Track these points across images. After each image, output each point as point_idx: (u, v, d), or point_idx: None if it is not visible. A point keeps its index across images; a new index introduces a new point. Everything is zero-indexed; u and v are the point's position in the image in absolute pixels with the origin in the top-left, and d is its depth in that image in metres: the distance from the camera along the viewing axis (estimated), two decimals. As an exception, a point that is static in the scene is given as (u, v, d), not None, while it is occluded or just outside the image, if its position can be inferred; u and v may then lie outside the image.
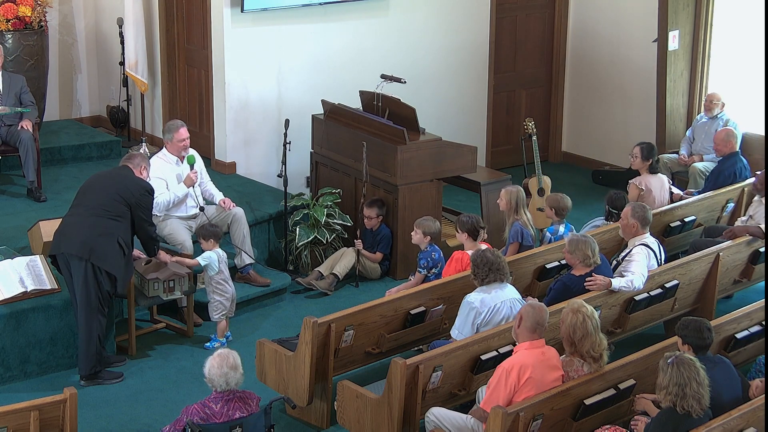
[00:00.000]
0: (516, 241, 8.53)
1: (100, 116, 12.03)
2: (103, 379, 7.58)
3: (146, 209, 7.65)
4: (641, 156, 9.43)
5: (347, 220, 9.46)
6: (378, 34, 11.15)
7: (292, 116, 9.99)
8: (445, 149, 9.47)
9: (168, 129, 8.75)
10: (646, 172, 9.42)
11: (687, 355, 5.74)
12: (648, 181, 9.35)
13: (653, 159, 9.45)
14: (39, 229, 8.33)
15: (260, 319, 8.75)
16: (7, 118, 9.61)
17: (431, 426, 6.36)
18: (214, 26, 10.41)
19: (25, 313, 7.60)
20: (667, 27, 11.10)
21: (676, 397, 5.59)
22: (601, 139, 12.37)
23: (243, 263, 8.86)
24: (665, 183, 9.50)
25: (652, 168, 9.44)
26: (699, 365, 5.65)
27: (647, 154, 9.41)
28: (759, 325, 7.26)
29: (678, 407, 5.60)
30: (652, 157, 9.43)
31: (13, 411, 5.76)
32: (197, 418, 5.84)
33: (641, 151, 9.43)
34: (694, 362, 5.65)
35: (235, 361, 5.95)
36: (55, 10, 11.44)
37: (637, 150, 9.45)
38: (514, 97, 12.50)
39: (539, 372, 6.06)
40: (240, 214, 8.88)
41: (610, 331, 7.53)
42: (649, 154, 9.41)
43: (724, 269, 8.22)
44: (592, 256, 7.40)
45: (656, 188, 9.34)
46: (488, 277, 7.02)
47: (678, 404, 5.59)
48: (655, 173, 9.46)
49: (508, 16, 12.20)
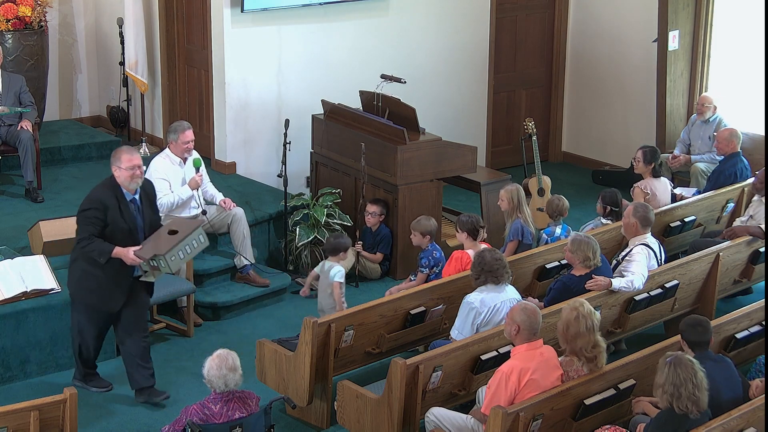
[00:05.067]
0: (516, 239, 8.54)
1: (100, 116, 12.03)
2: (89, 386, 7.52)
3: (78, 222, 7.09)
4: (644, 160, 9.38)
5: (347, 220, 9.46)
6: (378, 34, 11.15)
7: (292, 116, 9.99)
8: (445, 149, 9.47)
9: (173, 130, 8.70)
10: (649, 176, 9.38)
11: (686, 356, 5.73)
12: (653, 184, 9.31)
13: (656, 163, 9.41)
14: (39, 229, 8.34)
15: (260, 319, 8.75)
16: (6, 118, 9.61)
17: (431, 426, 6.36)
18: (214, 26, 10.41)
19: (25, 313, 7.60)
20: (667, 27, 11.10)
21: (672, 396, 5.59)
22: (601, 139, 12.37)
23: (242, 263, 8.87)
24: (668, 186, 9.49)
25: (655, 172, 9.40)
26: (698, 367, 5.64)
27: (650, 158, 9.37)
28: (759, 325, 7.27)
29: (674, 407, 5.60)
30: (655, 161, 9.38)
31: (13, 411, 5.76)
32: (197, 419, 5.84)
33: (644, 155, 9.39)
34: (693, 364, 5.64)
35: (234, 362, 5.94)
36: (55, 10, 11.43)
37: (640, 154, 9.41)
38: (514, 97, 12.49)
39: (540, 373, 6.06)
40: (240, 214, 8.88)
41: (610, 331, 7.54)
42: (652, 158, 9.37)
43: (724, 269, 8.22)
44: (593, 258, 7.40)
45: (661, 191, 9.32)
46: (480, 278, 7.02)
47: (674, 404, 5.60)
48: (659, 177, 9.43)
49: (508, 16, 12.20)
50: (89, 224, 6.89)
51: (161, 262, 6.89)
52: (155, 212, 7.29)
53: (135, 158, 6.95)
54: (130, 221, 6.98)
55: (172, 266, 6.95)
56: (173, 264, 6.95)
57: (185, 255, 7.05)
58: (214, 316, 8.70)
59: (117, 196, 6.94)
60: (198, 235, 7.14)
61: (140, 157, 7.04)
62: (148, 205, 7.17)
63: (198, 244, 7.16)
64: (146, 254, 6.88)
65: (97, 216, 6.89)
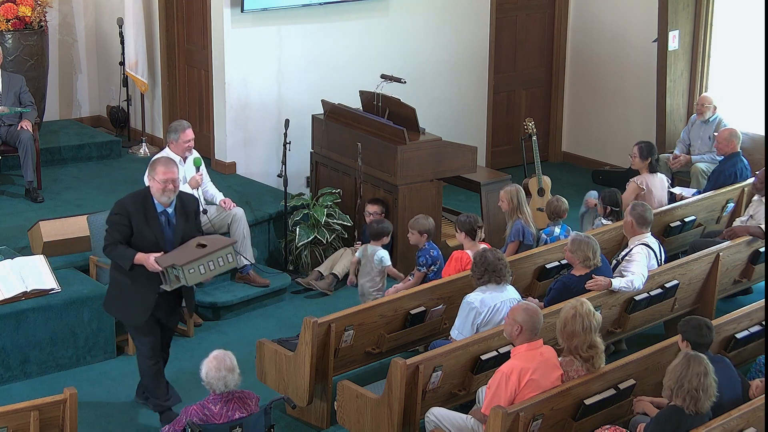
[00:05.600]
0: (517, 240, 8.54)
1: (100, 116, 12.04)
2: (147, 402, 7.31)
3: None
4: (640, 155, 9.40)
5: (347, 220, 9.46)
6: (378, 34, 11.15)
7: (292, 116, 9.99)
8: (445, 149, 9.47)
9: (174, 129, 8.71)
10: (645, 172, 9.41)
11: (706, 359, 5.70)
12: (648, 180, 9.33)
13: (653, 158, 9.42)
14: (39, 229, 8.34)
15: (260, 319, 8.75)
16: (6, 118, 9.62)
17: (431, 426, 6.36)
18: (214, 26, 10.41)
19: (25, 313, 7.59)
20: (667, 27, 11.10)
21: (674, 386, 5.59)
22: (601, 139, 12.37)
23: (242, 263, 8.87)
24: (665, 182, 9.50)
25: (652, 167, 9.41)
26: (711, 372, 5.62)
27: (646, 153, 9.39)
28: (759, 325, 7.27)
29: (673, 398, 5.60)
30: (652, 156, 9.40)
31: (13, 411, 5.76)
32: (196, 419, 5.84)
33: (640, 151, 9.41)
34: (709, 368, 5.61)
35: (231, 362, 5.94)
36: (55, 10, 11.44)
37: (636, 149, 9.43)
38: (514, 97, 12.49)
39: (540, 373, 6.05)
40: (240, 214, 8.89)
41: (610, 331, 7.54)
42: (648, 153, 9.38)
43: (724, 269, 8.21)
44: (593, 258, 7.40)
45: (657, 188, 9.33)
46: (483, 278, 7.03)
47: (674, 395, 5.59)
48: (655, 172, 9.44)
49: (508, 16, 12.20)
50: (114, 230, 6.72)
51: (179, 273, 6.61)
52: (195, 229, 6.96)
53: (170, 172, 6.70)
54: (156, 232, 6.72)
55: (189, 279, 6.64)
56: (190, 277, 6.64)
57: (206, 271, 6.71)
58: (214, 316, 8.70)
59: (145, 205, 6.73)
60: (226, 254, 6.79)
61: (177, 171, 6.76)
62: (184, 220, 6.85)
63: (224, 263, 6.81)
64: (164, 262, 6.63)
65: (122, 222, 6.70)
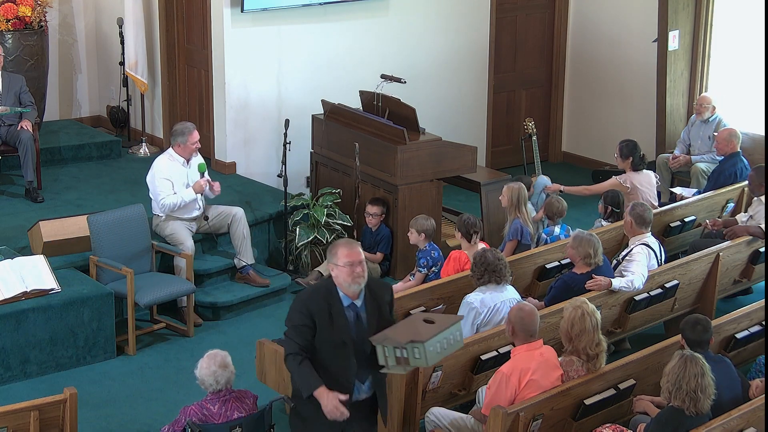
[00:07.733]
0: (515, 239, 8.54)
1: (100, 116, 12.04)
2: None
3: None
4: (620, 155, 9.34)
5: (347, 220, 9.46)
6: (378, 34, 11.15)
7: (292, 116, 9.99)
8: (445, 149, 9.47)
9: (181, 132, 8.71)
10: (629, 170, 9.35)
11: (702, 359, 5.71)
12: (632, 178, 9.28)
13: (635, 156, 9.31)
14: (39, 229, 8.34)
15: (260, 319, 8.75)
16: (6, 118, 9.62)
17: (431, 426, 6.36)
18: (214, 26, 10.41)
19: (25, 313, 7.59)
20: (667, 27, 11.10)
21: (672, 387, 5.59)
22: (601, 139, 12.37)
23: (242, 263, 8.87)
24: (653, 179, 9.43)
25: (635, 165, 9.35)
26: (708, 372, 5.62)
27: (627, 152, 9.30)
28: (759, 325, 7.27)
29: (672, 400, 5.60)
30: (633, 154, 9.29)
31: (13, 411, 5.76)
32: (196, 419, 5.84)
33: (620, 150, 9.33)
34: (705, 367, 5.62)
35: (223, 359, 5.94)
36: (55, 10, 11.44)
37: (617, 149, 9.40)
38: (514, 97, 12.50)
39: (540, 373, 6.05)
40: (240, 214, 8.89)
41: (610, 331, 7.54)
42: (629, 152, 9.30)
43: (724, 269, 8.21)
44: (594, 256, 7.39)
45: (643, 185, 9.27)
46: (483, 278, 7.03)
47: (672, 397, 5.60)
48: (639, 170, 9.38)
49: (508, 16, 12.20)
50: (296, 333, 5.40)
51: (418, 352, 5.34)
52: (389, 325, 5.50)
53: (355, 252, 5.38)
54: (344, 333, 5.41)
55: (429, 359, 5.37)
56: (431, 356, 5.38)
57: (442, 350, 5.53)
58: (214, 316, 8.70)
59: (329, 300, 5.42)
60: (455, 331, 5.63)
61: (361, 251, 5.46)
62: (376, 315, 5.50)
63: (455, 341, 5.64)
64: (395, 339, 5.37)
65: (304, 323, 5.39)
